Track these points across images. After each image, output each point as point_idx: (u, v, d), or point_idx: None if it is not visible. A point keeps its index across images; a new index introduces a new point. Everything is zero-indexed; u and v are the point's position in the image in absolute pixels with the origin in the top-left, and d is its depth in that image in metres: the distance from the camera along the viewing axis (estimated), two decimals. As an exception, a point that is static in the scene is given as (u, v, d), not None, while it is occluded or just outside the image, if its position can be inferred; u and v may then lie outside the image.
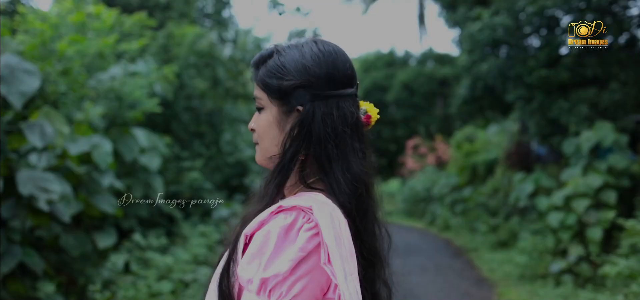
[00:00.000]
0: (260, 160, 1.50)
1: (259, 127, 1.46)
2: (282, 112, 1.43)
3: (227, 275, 1.34)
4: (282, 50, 1.46)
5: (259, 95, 1.46)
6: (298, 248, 1.26)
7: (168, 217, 8.65)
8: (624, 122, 9.11)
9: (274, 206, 1.35)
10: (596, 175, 8.14)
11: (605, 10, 9.21)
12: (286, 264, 1.24)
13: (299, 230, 1.28)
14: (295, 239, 1.27)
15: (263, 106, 1.45)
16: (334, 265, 1.26)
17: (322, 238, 1.28)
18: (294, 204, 1.32)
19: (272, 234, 1.28)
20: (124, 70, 7.55)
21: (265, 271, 1.24)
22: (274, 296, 1.23)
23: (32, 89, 4.51)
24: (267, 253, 1.26)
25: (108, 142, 6.08)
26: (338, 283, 1.26)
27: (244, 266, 1.28)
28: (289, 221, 1.29)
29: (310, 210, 1.31)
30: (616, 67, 9.66)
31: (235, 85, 11.86)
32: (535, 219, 9.90)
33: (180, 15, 11.48)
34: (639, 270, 6.01)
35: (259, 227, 1.33)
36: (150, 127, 8.94)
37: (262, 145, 1.47)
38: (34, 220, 4.92)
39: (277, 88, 1.43)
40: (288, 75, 1.42)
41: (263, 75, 1.45)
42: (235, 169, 11.50)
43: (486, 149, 15.57)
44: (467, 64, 11.51)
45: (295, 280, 1.25)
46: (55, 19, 7.15)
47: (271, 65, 1.45)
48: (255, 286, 1.24)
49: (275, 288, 1.23)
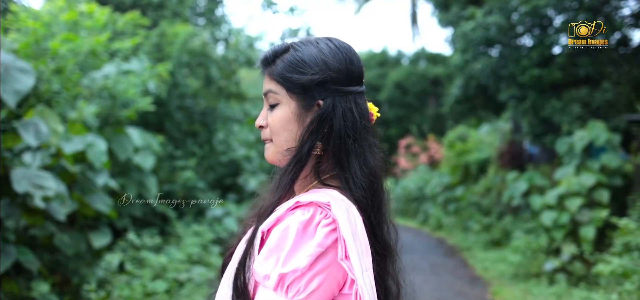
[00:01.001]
0: (272, 157, 1.47)
1: (275, 122, 1.44)
2: (302, 106, 1.43)
3: (243, 271, 1.32)
4: (297, 46, 1.45)
5: (276, 89, 1.44)
6: (316, 243, 1.26)
7: (162, 217, 8.62)
8: (616, 121, 9.16)
9: (290, 202, 1.35)
10: (589, 175, 8.17)
11: (597, 9, 9.26)
12: (305, 259, 1.24)
13: (317, 225, 1.28)
14: (313, 234, 1.27)
15: (279, 101, 1.44)
16: (351, 260, 1.27)
17: (339, 234, 1.28)
18: (311, 200, 1.32)
19: (291, 230, 1.27)
20: (117, 69, 7.51)
21: (284, 266, 1.24)
22: (292, 292, 1.23)
23: (26, 88, 4.48)
24: (285, 248, 1.26)
25: (102, 141, 6.04)
26: (355, 278, 1.26)
27: (260, 262, 1.28)
28: (307, 217, 1.29)
29: (328, 206, 1.31)
30: (608, 66, 9.72)
31: (228, 84, 11.83)
32: (529, 218, 9.94)
33: (174, 14, 11.45)
34: (633, 269, 6.03)
35: (275, 223, 1.32)
36: (143, 126, 8.91)
37: (277, 141, 1.45)
38: (29, 219, 4.88)
39: (299, 82, 1.42)
40: (310, 70, 1.42)
41: (282, 69, 1.43)
42: (228, 169, 11.48)
43: (478, 148, 15.63)
44: (460, 63, 11.53)
45: (313, 275, 1.25)
46: (48, 17, 7.12)
47: (290, 60, 1.43)
48: (273, 282, 1.24)
49: (293, 283, 1.23)
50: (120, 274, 6.39)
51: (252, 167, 11.97)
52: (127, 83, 7.43)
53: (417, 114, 23.67)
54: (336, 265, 1.28)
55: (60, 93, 6.31)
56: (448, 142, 17.41)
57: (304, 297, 1.23)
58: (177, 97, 10.12)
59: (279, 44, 1.49)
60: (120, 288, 5.94)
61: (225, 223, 9.13)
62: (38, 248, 5.39)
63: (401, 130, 23.26)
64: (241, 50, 12.10)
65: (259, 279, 1.28)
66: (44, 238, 5.35)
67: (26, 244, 5.19)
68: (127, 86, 7.40)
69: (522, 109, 10.28)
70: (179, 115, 10.29)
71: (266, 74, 1.46)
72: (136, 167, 7.54)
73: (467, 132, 17.20)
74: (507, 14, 10.09)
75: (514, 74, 9.95)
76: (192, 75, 10.58)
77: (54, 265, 5.59)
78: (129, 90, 7.39)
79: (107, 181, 5.98)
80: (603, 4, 9.37)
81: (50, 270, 5.51)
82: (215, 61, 11.07)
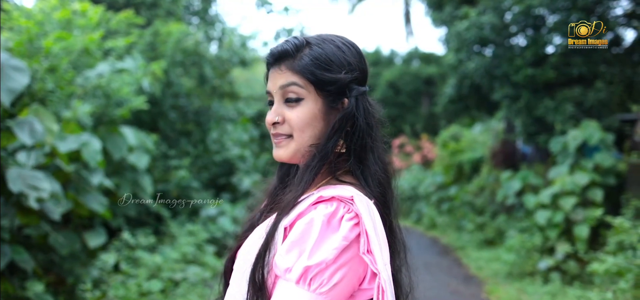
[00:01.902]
0: (291, 155, 1.45)
1: (300, 119, 1.42)
2: (328, 105, 1.43)
3: (262, 264, 1.32)
4: (316, 42, 1.45)
5: (301, 84, 1.42)
6: (342, 236, 1.26)
7: (156, 216, 8.59)
8: (609, 120, 9.20)
9: (312, 197, 1.35)
10: (583, 174, 8.20)
11: (590, 9, 9.29)
12: (331, 252, 1.24)
13: (341, 219, 1.29)
14: (337, 227, 1.28)
15: (303, 97, 1.42)
16: (375, 254, 1.27)
17: (362, 228, 1.29)
18: (333, 195, 1.33)
19: (315, 222, 1.27)
20: (111, 68, 7.47)
21: (310, 259, 1.24)
22: (315, 285, 1.23)
23: (21, 86, 4.44)
24: (310, 241, 1.26)
25: (97, 140, 6.01)
26: (378, 272, 1.27)
27: (282, 255, 1.27)
28: (331, 210, 1.30)
29: (351, 200, 1.32)
30: (601, 66, 9.76)
31: (222, 83, 11.81)
32: (522, 217, 9.97)
33: (167, 13, 11.40)
34: (627, 268, 6.05)
35: (297, 217, 1.33)
36: (137, 125, 8.88)
37: (300, 138, 1.43)
38: (23, 219, 4.85)
39: (330, 81, 1.42)
40: (337, 69, 1.43)
41: (309, 65, 1.42)
42: (222, 168, 11.46)
43: (471, 147, 15.67)
44: (454, 62, 11.55)
45: (337, 268, 1.25)
46: (41, 16, 7.07)
47: (317, 57, 1.42)
48: (296, 275, 1.24)
49: (316, 276, 1.23)
50: (114, 274, 6.36)
51: (245, 166, 11.96)
52: (121, 81, 7.39)
53: (410, 114, 23.70)
54: (358, 259, 1.28)
55: (54, 92, 6.28)
56: (441, 142, 17.44)
57: (327, 290, 1.23)
58: (170, 97, 10.08)
59: (293, 37, 1.47)
60: (116, 288, 5.91)
61: (219, 222, 9.11)
62: (32, 248, 5.36)
63: (394, 130, 23.27)
64: (235, 50, 12.07)
65: (279, 273, 1.28)
66: (38, 238, 5.32)
67: (20, 243, 5.16)
68: (121, 85, 7.36)
69: (515, 109, 10.31)
70: (173, 114, 10.25)
71: (285, 67, 1.44)
72: (130, 167, 7.50)
73: (460, 132, 17.24)
74: (500, 13, 10.12)
75: (508, 73, 9.98)
76: (185, 75, 10.54)
77: (49, 265, 5.56)
78: (123, 89, 7.36)
79: (102, 180, 5.95)
80: (596, 3, 9.40)
81: (45, 270, 5.48)
82: (209, 60, 11.04)
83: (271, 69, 1.48)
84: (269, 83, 1.48)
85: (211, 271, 7.38)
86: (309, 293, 1.22)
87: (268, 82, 1.49)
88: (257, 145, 14.18)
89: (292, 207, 1.36)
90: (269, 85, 1.48)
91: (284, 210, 1.36)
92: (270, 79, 1.48)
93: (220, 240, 8.85)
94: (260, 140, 14.64)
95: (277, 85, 1.44)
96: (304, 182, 1.39)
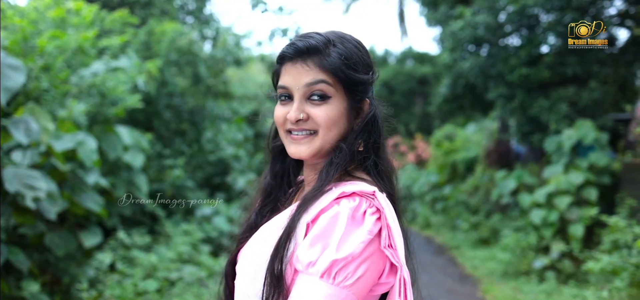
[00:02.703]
0: (315, 152, 1.45)
1: (328, 118, 1.42)
2: (351, 104, 1.45)
3: (281, 257, 1.32)
4: (338, 40, 1.45)
5: (331, 81, 1.42)
6: (367, 230, 1.28)
7: (150, 216, 8.56)
8: (603, 120, 9.23)
9: (333, 192, 1.36)
10: (578, 173, 8.23)
11: (585, 9, 9.33)
12: (358, 245, 1.26)
13: (364, 213, 1.31)
14: (361, 222, 1.30)
15: (331, 95, 1.42)
16: (398, 248, 1.30)
17: (385, 222, 1.31)
18: (354, 190, 1.35)
19: (341, 216, 1.29)
20: (106, 66, 7.44)
21: (337, 252, 1.24)
22: (339, 278, 1.24)
23: (17, 85, 4.42)
24: (336, 235, 1.26)
25: (93, 139, 5.98)
26: (401, 265, 1.30)
27: (304, 249, 1.28)
28: (354, 205, 1.31)
29: (373, 195, 1.34)
30: (595, 65, 9.80)
31: (216, 83, 11.78)
32: (517, 216, 10.00)
33: (162, 12, 11.37)
34: (622, 266, 6.08)
35: (319, 213, 1.33)
36: (131, 124, 8.83)
37: (326, 136, 1.43)
38: (19, 218, 4.82)
39: (358, 80, 1.45)
40: (363, 69, 1.46)
41: (339, 63, 1.42)
42: (217, 167, 11.43)
43: (465, 147, 15.71)
44: (449, 62, 11.57)
45: (361, 262, 1.27)
46: (35, 14, 7.04)
47: (347, 56, 1.43)
48: (320, 268, 1.24)
49: (341, 270, 1.24)
50: (110, 273, 6.33)
51: (240, 166, 11.93)
52: (116, 80, 7.36)
53: (404, 113, 23.72)
54: (379, 253, 1.31)
55: (49, 91, 6.25)
56: (435, 141, 17.47)
57: (350, 283, 1.25)
58: (165, 96, 10.05)
59: (314, 33, 1.46)
60: (112, 287, 5.89)
61: (214, 222, 9.08)
62: (27, 247, 5.33)
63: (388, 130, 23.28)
64: (229, 49, 12.04)
65: (301, 267, 1.28)
66: (33, 237, 5.29)
67: (15, 243, 5.13)
68: (116, 83, 7.33)
69: (510, 108, 10.33)
70: (167, 113, 10.22)
71: (313, 64, 1.42)
72: (126, 166, 7.47)
73: (454, 131, 17.27)
74: (495, 13, 10.14)
75: (503, 73, 9.99)
76: (180, 74, 10.51)
77: (44, 265, 5.53)
78: (118, 87, 7.33)
79: (98, 180, 5.92)
80: (590, 3, 9.44)
81: (40, 269, 5.45)
82: (204, 60, 11.02)
83: (290, 63, 1.45)
84: (287, 78, 1.45)
85: (207, 271, 7.36)
86: (333, 287, 1.23)
87: (285, 76, 1.46)
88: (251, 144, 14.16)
89: (312, 203, 1.36)
90: (286, 80, 1.45)
91: (304, 207, 1.36)
92: (288, 73, 1.45)
93: (215, 240, 8.83)
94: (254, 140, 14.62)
95: (301, 82, 1.42)
96: (328, 180, 1.40)
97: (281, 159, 1.64)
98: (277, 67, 1.50)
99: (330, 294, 1.22)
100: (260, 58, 16.31)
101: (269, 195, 1.62)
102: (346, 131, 1.46)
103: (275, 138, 1.64)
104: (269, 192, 1.62)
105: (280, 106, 1.48)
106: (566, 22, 9.29)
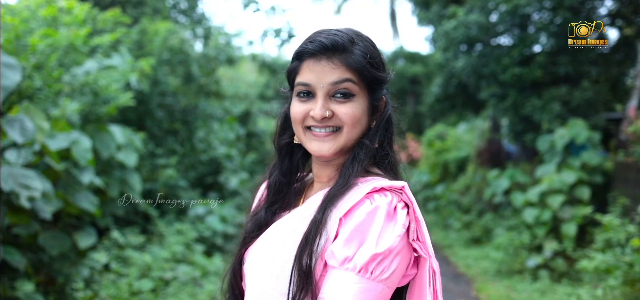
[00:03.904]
0: (339, 149, 1.46)
1: (353, 115, 1.43)
2: (371, 101, 1.48)
3: (310, 253, 1.32)
4: (357, 38, 1.46)
5: (355, 80, 1.43)
6: (402, 224, 1.32)
7: (143, 215, 8.52)
8: (595, 119, 9.28)
9: (363, 188, 1.37)
10: (570, 172, 8.27)
11: (576, 9, 9.38)
12: (395, 239, 1.30)
13: (396, 208, 1.34)
14: (395, 216, 1.32)
15: (355, 93, 1.43)
16: (426, 240, 1.35)
17: (415, 215, 1.35)
18: (383, 185, 1.37)
19: (379, 211, 1.31)
20: (99, 64, 7.39)
21: (377, 247, 1.27)
22: (377, 272, 1.27)
23: (13, 84, 4.38)
24: (374, 230, 1.29)
25: (87, 138, 5.94)
26: (430, 256, 1.35)
27: (340, 245, 1.29)
28: (388, 200, 1.34)
29: (402, 190, 1.37)
30: (587, 65, 9.85)
31: (208, 82, 11.74)
32: (510, 215, 10.03)
33: (154, 11, 11.32)
34: (615, 265, 6.11)
35: (352, 208, 1.34)
36: (124, 123, 8.78)
37: (350, 133, 1.45)
38: (13, 218, 4.78)
39: (380, 79, 1.48)
40: (383, 67, 1.49)
41: (363, 61, 1.43)
42: (209, 167, 11.39)
43: (457, 146, 15.75)
44: (441, 61, 11.59)
45: (395, 255, 1.30)
46: (26, 13, 6.98)
47: (371, 55, 1.45)
48: (358, 263, 1.26)
49: (379, 264, 1.27)
50: (104, 273, 6.29)
51: (232, 165, 11.90)
52: (108, 78, 7.31)
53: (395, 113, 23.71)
54: (407, 246, 1.34)
55: (42, 90, 6.20)
56: (426, 141, 17.50)
57: (386, 277, 1.28)
58: (157, 95, 10.00)
59: (335, 30, 1.45)
60: (107, 287, 5.85)
61: (207, 221, 9.05)
62: (21, 247, 5.28)
63: (398, 127, 23.29)
64: (221, 48, 12.01)
65: (334, 262, 1.29)
66: (27, 237, 5.24)
67: (9, 243, 5.08)
68: (109, 82, 7.28)
69: (502, 107, 10.36)
70: (160, 113, 10.17)
71: (338, 62, 1.42)
72: (119, 165, 7.42)
73: (445, 131, 17.31)
74: (487, 13, 10.17)
75: (495, 72, 10.02)
76: (172, 73, 10.46)
77: (37, 265, 5.48)
78: (110, 86, 7.27)
79: (92, 179, 5.88)
80: (582, 3, 9.49)
81: (34, 269, 5.40)
82: (196, 59, 10.98)
83: (313, 59, 1.43)
84: (309, 75, 1.44)
85: (201, 270, 7.33)
86: (370, 281, 1.26)
87: (306, 73, 1.44)
88: (243, 144, 14.12)
89: (340, 198, 1.37)
90: (308, 77, 1.44)
91: (333, 200, 1.37)
92: (311, 70, 1.44)
93: (208, 239, 8.79)
94: (246, 139, 14.59)
95: (326, 80, 1.41)
96: (354, 174, 1.42)
97: (289, 156, 1.63)
98: (295, 64, 1.48)
99: (367, 288, 1.25)
100: (252, 57, 16.27)
101: (278, 192, 1.60)
102: (366, 128, 1.48)
103: (281, 135, 1.62)
104: (278, 189, 1.60)
105: (299, 103, 1.47)
106: (558, 22, 9.35)
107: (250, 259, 1.50)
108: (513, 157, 12.82)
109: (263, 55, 17.16)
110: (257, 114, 16.15)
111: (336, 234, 1.32)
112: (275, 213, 1.58)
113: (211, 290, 6.87)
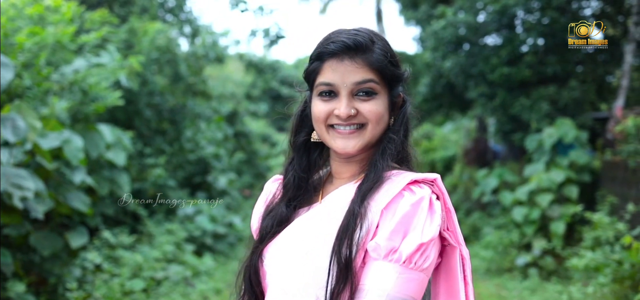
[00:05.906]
0: (362, 146, 1.50)
1: (377, 113, 1.48)
2: (391, 98, 1.52)
3: (350, 245, 1.35)
4: (374, 37, 1.50)
5: (377, 80, 1.47)
6: (439, 215, 1.37)
7: (132, 215, 8.45)
8: (582, 119, 9.37)
9: (399, 180, 1.42)
10: (559, 171, 8.34)
11: (563, 9, 9.46)
12: (436, 229, 1.36)
13: (431, 198, 1.39)
14: (433, 207, 1.38)
15: (377, 91, 1.48)
16: (457, 230, 1.42)
17: (448, 205, 1.42)
18: (417, 178, 1.42)
19: (424, 202, 1.37)
20: (87, 63, 7.32)
21: (423, 236, 1.33)
22: (420, 262, 1.33)
23: (6, 82, 4.33)
24: (419, 221, 1.34)
25: (79, 137, 5.88)
26: (461, 245, 1.43)
27: (385, 236, 1.34)
28: (428, 192, 1.39)
29: (434, 182, 1.43)
30: (574, 65, 9.94)
31: (196, 81, 11.68)
32: (498, 214, 10.08)
33: (142, 10, 11.23)
34: (605, 263, 6.17)
35: (392, 200, 1.38)
36: (112, 122, 8.71)
37: (374, 131, 1.49)
38: (5, 218, 4.72)
39: (399, 76, 1.53)
40: (400, 65, 1.54)
41: (386, 63, 1.48)
42: (197, 166, 11.34)
43: (444, 146, 15.82)
44: (429, 61, 11.63)
45: (433, 245, 1.37)
46: (13, 11, 6.90)
47: (392, 54, 1.50)
48: (404, 253, 1.32)
49: (423, 254, 1.33)
50: (97, 273, 6.24)
51: (221, 165, 11.86)
52: (98, 76, 7.24)
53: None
54: (439, 235, 1.40)
55: (31, 88, 6.13)
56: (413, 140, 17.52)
57: (427, 266, 1.35)
58: (146, 94, 9.93)
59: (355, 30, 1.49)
60: (99, 287, 5.80)
61: (197, 221, 9.01)
62: (11, 247, 5.22)
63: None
64: (209, 47, 11.97)
65: (377, 254, 1.34)
66: (17, 238, 5.18)
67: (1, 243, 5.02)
68: (97, 80, 7.21)
69: (491, 107, 10.42)
70: (148, 112, 10.10)
71: (362, 61, 1.46)
72: (108, 164, 7.36)
73: (432, 130, 17.38)
74: (475, 13, 10.22)
75: (483, 72, 10.08)
76: (160, 73, 10.40)
77: (28, 265, 5.42)
78: (99, 84, 7.20)
79: (84, 178, 5.82)
80: (568, 3, 9.57)
81: (25, 270, 5.34)
82: (184, 58, 10.92)
83: (335, 59, 1.47)
84: (331, 74, 1.47)
85: (192, 270, 7.30)
86: (413, 271, 1.32)
87: (328, 73, 1.48)
88: (231, 143, 14.08)
89: (377, 190, 1.41)
90: (331, 77, 1.47)
91: (370, 193, 1.41)
92: (333, 70, 1.47)
93: (198, 239, 8.76)
94: (234, 139, 14.55)
95: (349, 79, 1.45)
96: (385, 167, 1.46)
97: (307, 154, 1.66)
98: (316, 64, 1.51)
99: (410, 278, 1.31)
100: (239, 57, 16.23)
101: (298, 188, 1.61)
102: (387, 124, 1.51)
103: (297, 134, 1.66)
104: (298, 185, 1.61)
105: (322, 102, 1.50)
106: (546, 22, 9.43)
107: (272, 255, 1.51)
108: (500, 157, 12.89)
109: (249, 54, 17.13)
110: (244, 113, 16.13)
111: (377, 225, 1.36)
112: (294, 209, 1.59)
113: (203, 290, 6.84)
